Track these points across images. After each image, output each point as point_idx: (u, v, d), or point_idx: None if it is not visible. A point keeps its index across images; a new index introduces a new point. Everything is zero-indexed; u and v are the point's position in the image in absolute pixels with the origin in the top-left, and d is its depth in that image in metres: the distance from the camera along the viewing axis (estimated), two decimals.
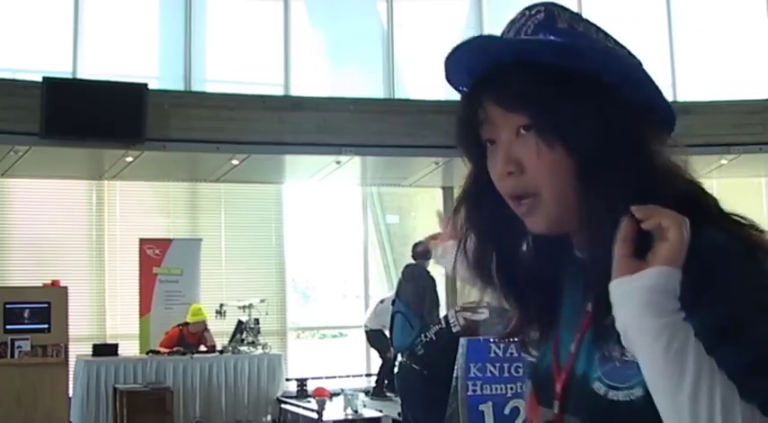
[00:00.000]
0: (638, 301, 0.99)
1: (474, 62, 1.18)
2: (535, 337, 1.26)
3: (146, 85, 9.51)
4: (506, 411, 4.15)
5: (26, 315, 8.88)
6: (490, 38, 1.19)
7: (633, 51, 1.29)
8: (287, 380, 9.95)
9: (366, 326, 10.40)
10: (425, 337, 5.48)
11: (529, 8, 1.20)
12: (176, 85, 10.55)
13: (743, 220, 1.14)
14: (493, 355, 4.19)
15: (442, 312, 7.06)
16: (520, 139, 1.14)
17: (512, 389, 4.17)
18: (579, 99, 1.14)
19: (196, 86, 10.60)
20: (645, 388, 1.04)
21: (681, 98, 11.29)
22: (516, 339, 1.27)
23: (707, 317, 1.00)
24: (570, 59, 1.15)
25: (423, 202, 12.64)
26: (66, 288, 9.16)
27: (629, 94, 1.19)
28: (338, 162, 10.29)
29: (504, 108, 1.15)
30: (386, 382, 10.06)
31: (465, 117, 1.20)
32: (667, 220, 1.02)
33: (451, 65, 1.20)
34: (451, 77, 1.22)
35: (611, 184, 1.10)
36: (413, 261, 8.23)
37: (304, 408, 9.06)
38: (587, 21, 1.25)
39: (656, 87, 1.25)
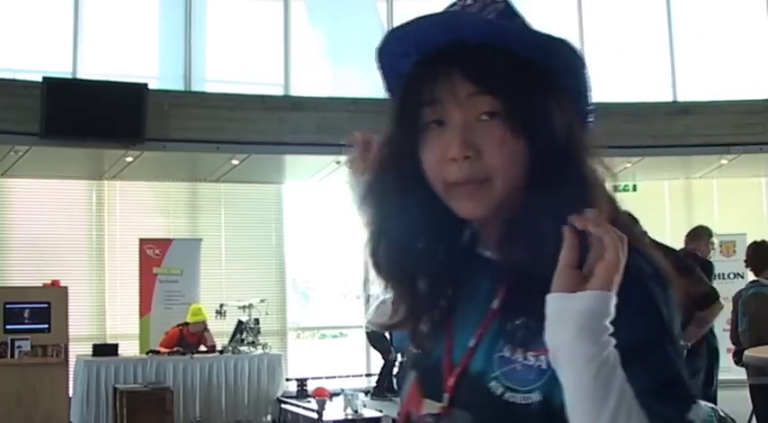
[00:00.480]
0: (574, 325, 0.99)
1: (432, 36, 1.14)
2: (424, 329, 1.24)
3: (146, 85, 9.51)
4: None
5: (26, 315, 8.87)
6: (465, 14, 1.16)
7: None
8: (287, 380, 9.95)
9: (367, 327, 10.40)
10: None
11: (459, 12, 1.17)
12: (176, 85, 10.55)
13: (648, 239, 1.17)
14: None
15: None
16: (480, 123, 1.11)
17: None
18: (547, 93, 1.13)
19: (196, 86, 10.60)
20: (543, 394, 1.06)
21: (681, 98, 11.30)
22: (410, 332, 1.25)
23: (622, 339, 1.00)
24: (544, 53, 1.14)
25: None
26: (66, 288, 9.15)
27: (577, 97, 1.19)
28: (338, 162, 10.28)
29: (478, 88, 1.11)
30: (386, 382, 10.06)
31: (414, 93, 1.15)
32: (609, 238, 1.00)
33: (401, 35, 1.17)
34: (391, 47, 1.19)
35: (563, 182, 1.10)
36: None
37: (304, 408, 9.05)
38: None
39: (591, 86, 1.22)
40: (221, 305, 10.08)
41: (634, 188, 12.01)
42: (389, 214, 1.20)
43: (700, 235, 6.85)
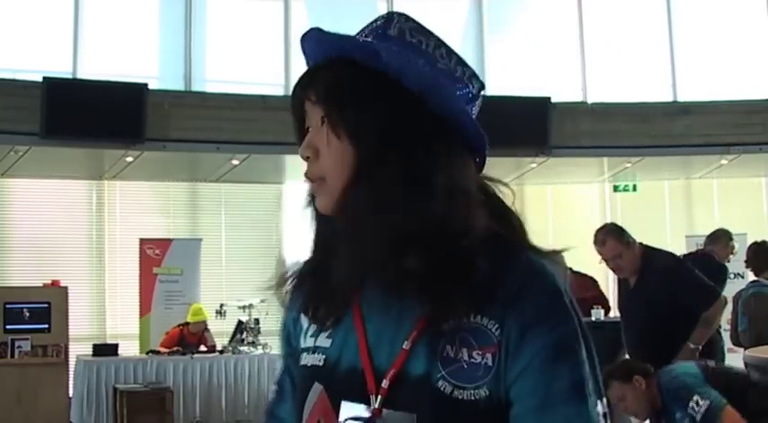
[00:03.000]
0: None
1: (313, 52, 1.29)
2: (302, 328, 1.33)
3: (146, 85, 9.51)
4: None
5: (26, 315, 8.87)
6: (321, 31, 1.28)
7: (474, 73, 1.35)
8: None
9: None
10: None
11: (382, 15, 1.33)
12: (176, 85, 10.54)
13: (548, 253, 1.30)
14: None
15: None
16: (320, 128, 1.25)
17: None
18: (373, 98, 1.21)
19: (196, 86, 10.59)
20: (489, 389, 1.15)
21: (681, 98, 11.30)
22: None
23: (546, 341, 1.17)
24: (370, 60, 1.23)
25: None
26: (66, 288, 9.15)
27: (432, 107, 1.23)
28: None
29: (310, 100, 1.26)
30: None
31: (296, 104, 1.31)
32: None
33: (301, 44, 1.31)
34: (307, 60, 1.32)
35: (382, 180, 1.18)
36: None
37: None
38: (431, 37, 1.37)
39: (464, 109, 1.29)
40: (221, 305, 10.08)
41: (634, 188, 12.03)
42: (311, 222, 1.32)
43: (718, 237, 6.91)
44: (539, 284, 1.21)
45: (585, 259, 5.91)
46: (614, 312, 9.34)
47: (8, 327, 8.77)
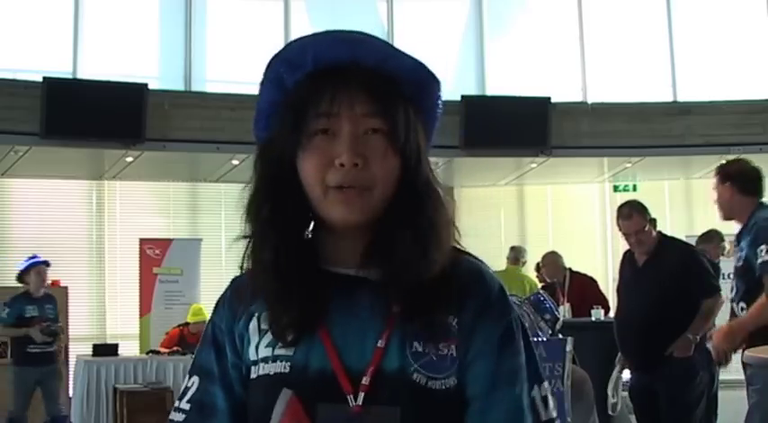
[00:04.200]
0: None
1: (333, 52, 1.27)
2: (249, 339, 1.33)
3: (146, 85, 9.51)
4: None
5: None
6: (370, 35, 1.30)
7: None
8: None
9: None
10: None
11: (360, 33, 1.31)
12: (176, 85, 10.54)
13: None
14: None
15: None
16: (366, 136, 1.25)
17: None
18: (414, 119, 1.30)
19: (196, 86, 10.59)
20: (457, 377, 1.26)
21: (681, 98, 11.30)
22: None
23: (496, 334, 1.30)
24: (420, 79, 1.31)
25: None
26: (66, 288, 9.15)
27: (428, 122, 1.35)
28: None
29: (374, 109, 1.25)
30: None
31: (311, 103, 1.26)
32: None
33: (302, 45, 1.31)
34: (288, 55, 1.33)
35: (426, 199, 1.27)
36: None
37: None
38: None
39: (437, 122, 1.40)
40: None
41: (634, 188, 12.03)
42: (261, 226, 1.33)
43: (711, 237, 7.33)
44: (484, 282, 1.31)
45: (585, 259, 5.92)
46: (614, 312, 9.34)
47: None
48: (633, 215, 5.39)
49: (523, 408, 1.27)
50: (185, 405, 1.39)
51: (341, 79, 1.26)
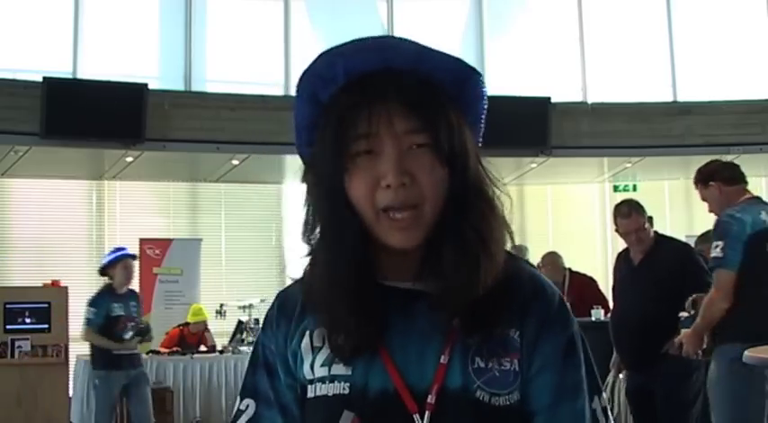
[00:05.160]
0: None
1: (362, 61, 1.23)
2: (302, 358, 1.29)
3: (146, 85, 9.51)
4: None
5: (26, 315, 8.87)
6: (398, 38, 1.26)
7: None
8: None
9: None
10: None
11: (389, 37, 1.30)
12: (176, 85, 10.54)
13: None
14: None
15: None
16: (410, 152, 1.20)
17: None
18: (463, 126, 1.26)
19: (196, 86, 10.59)
20: (520, 392, 1.24)
21: (681, 98, 11.30)
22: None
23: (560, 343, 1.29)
24: (459, 75, 1.27)
25: None
26: (66, 288, 9.14)
27: (475, 124, 1.33)
28: None
29: (417, 126, 1.20)
30: None
31: (349, 125, 1.21)
32: None
33: (330, 59, 1.25)
34: (318, 70, 1.26)
35: (479, 210, 1.24)
36: None
37: None
38: None
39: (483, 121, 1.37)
40: (221, 305, 10.08)
41: (634, 188, 12.03)
42: (320, 245, 1.26)
43: (708, 238, 7.03)
44: (545, 293, 1.30)
45: (585, 259, 5.92)
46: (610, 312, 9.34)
47: (8, 327, 8.76)
48: (632, 213, 5.39)
49: (586, 420, 1.26)
50: None
51: (376, 92, 1.21)
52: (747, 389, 4.42)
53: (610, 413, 1.30)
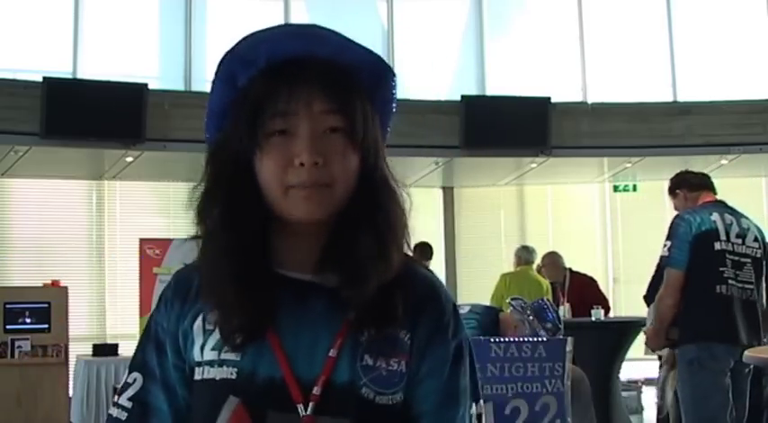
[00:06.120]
0: None
1: (287, 46, 1.24)
2: (193, 340, 1.29)
3: (146, 85, 9.51)
4: (507, 411, 4.16)
5: (26, 315, 8.87)
6: (322, 28, 1.27)
7: None
8: None
9: None
10: None
11: (314, 26, 1.29)
12: (176, 85, 10.55)
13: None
14: (493, 354, 4.20)
15: None
16: (325, 136, 1.23)
17: (512, 389, 4.18)
18: (372, 113, 1.28)
19: (196, 86, 10.59)
20: (404, 393, 1.25)
21: (681, 98, 11.29)
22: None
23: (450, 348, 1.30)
24: (376, 70, 1.28)
25: (422, 202, 12.64)
26: (66, 288, 9.15)
27: (383, 114, 1.34)
28: None
29: (332, 107, 1.23)
30: None
31: (267, 103, 1.23)
32: None
33: (254, 42, 1.25)
34: (240, 52, 1.26)
35: (382, 199, 1.26)
36: None
37: None
38: None
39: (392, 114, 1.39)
40: None
41: (634, 188, 12.02)
42: (214, 227, 1.27)
43: None
44: (439, 298, 1.31)
45: (585, 259, 5.92)
46: (614, 312, 9.35)
47: (8, 327, 8.76)
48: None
49: None
50: (126, 402, 1.32)
51: (297, 75, 1.23)
52: (707, 388, 4.62)
53: (484, 420, 1.31)
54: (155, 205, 11.31)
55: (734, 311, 4.67)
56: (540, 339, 4.43)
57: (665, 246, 4.78)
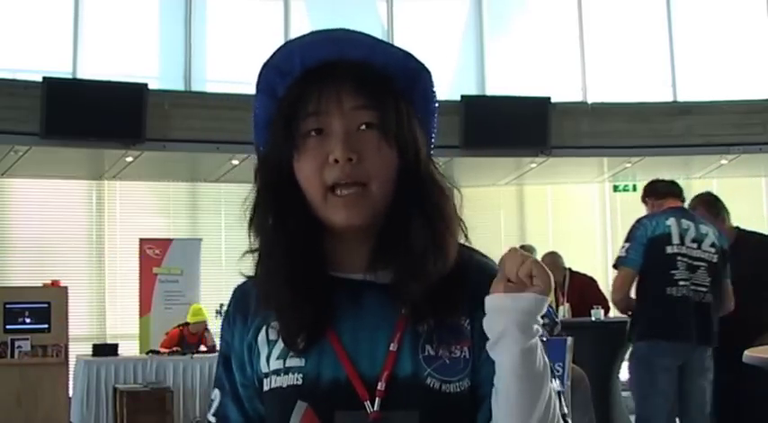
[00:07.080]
0: (517, 317, 1.18)
1: (318, 52, 1.27)
2: (259, 352, 1.32)
3: (146, 85, 9.51)
4: None
5: (26, 315, 8.87)
6: (352, 31, 1.29)
7: None
8: None
9: None
10: None
11: (345, 30, 1.31)
12: (176, 85, 10.55)
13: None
14: None
15: None
16: (358, 132, 1.24)
17: None
18: (407, 110, 1.29)
19: (196, 86, 10.60)
20: (470, 379, 1.26)
21: (681, 98, 11.29)
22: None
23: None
24: (409, 70, 1.30)
25: None
26: (66, 288, 9.15)
27: (427, 121, 1.35)
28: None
29: (363, 103, 1.24)
30: None
31: (300, 105, 1.25)
32: (537, 269, 1.19)
33: (288, 51, 1.30)
34: (276, 62, 1.30)
35: (427, 194, 1.27)
36: None
37: None
38: None
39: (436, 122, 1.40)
40: (221, 305, 10.05)
41: (634, 188, 12.00)
42: (268, 236, 1.31)
43: None
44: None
45: (585, 259, 5.96)
46: (613, 312, 9.34)
47: (8, 327, 8.76)
48: (698, 208, 5.54)
49: None
50: (212, 418, 1.39)
51: (328, 76, 1.25)
52: (646, 388, 4.85)
53: (563, 398, 1.30)
54: (155, 205, 11.31)
55: (685, 312, 4.87)
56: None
57: (622, 247, 5.08)
